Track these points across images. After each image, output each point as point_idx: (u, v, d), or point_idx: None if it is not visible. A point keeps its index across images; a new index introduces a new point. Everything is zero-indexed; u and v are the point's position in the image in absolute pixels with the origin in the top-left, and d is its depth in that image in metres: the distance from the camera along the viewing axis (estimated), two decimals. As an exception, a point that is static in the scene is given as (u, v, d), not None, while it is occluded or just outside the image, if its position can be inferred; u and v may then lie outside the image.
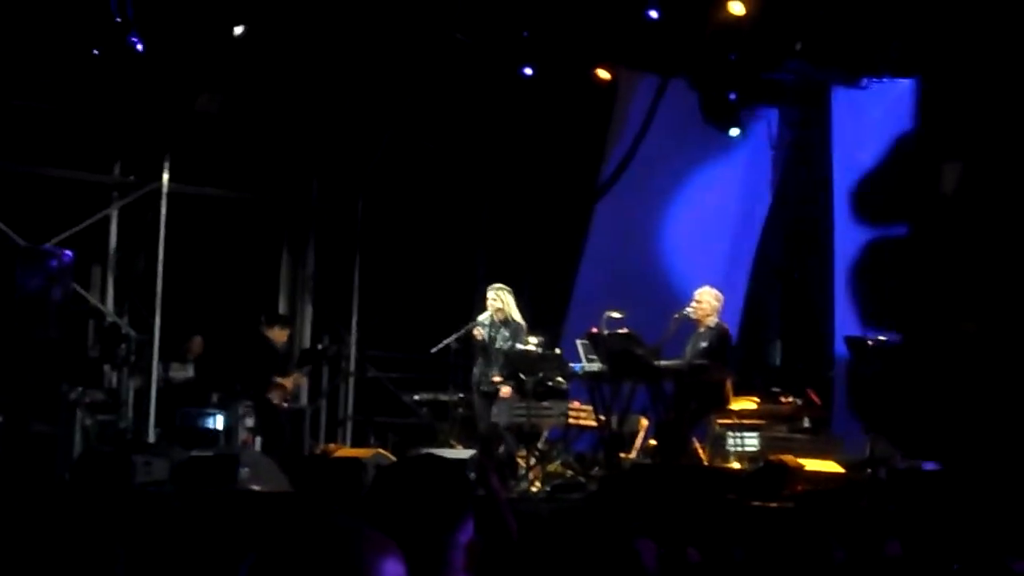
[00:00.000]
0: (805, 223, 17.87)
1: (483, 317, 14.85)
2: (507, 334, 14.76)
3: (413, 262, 18.25)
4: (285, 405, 16.11)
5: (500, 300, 14.85)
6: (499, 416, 14.45)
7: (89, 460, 13.94)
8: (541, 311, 15.99)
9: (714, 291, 14.30)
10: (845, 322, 16.33)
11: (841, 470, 12.75)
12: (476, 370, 14.87)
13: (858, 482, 12.18)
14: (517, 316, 14.90)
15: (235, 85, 16.39)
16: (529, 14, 16.39)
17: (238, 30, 15.67)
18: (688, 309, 14.00)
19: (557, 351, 14.74)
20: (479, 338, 14.72)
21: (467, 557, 3.38)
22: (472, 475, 12.65)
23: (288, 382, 16.07)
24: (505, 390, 14.45)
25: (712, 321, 14.14)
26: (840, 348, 15.90)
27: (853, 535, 8.77)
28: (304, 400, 17.44)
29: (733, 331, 15.84)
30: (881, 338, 13.40)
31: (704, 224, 17.99)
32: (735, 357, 15.15)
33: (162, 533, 9.78)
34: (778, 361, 17.99)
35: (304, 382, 16.71)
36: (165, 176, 16.71)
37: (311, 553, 2.71)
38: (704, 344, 13.91)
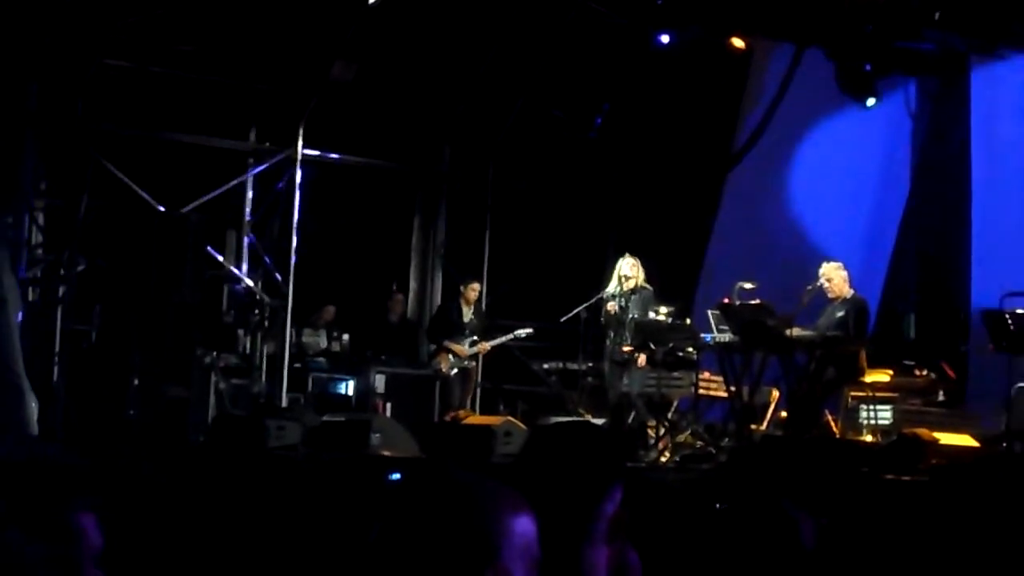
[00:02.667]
0: (944, 196, 17.63)
1: (612, 289, 14.80)
2: (638, 301, 14.72)
3: (543, 230, 18.26)
4: (453, 372, 16.19)
5: (631, 269, 14.80)
6: (631, 385, 14.41)
7: (223, 424, 14.13)
8: (671, 281, 15.91)
9: (836, 263, 14.15)
10: (982, 296, 16.09)
11: (976, 444, 12.57)
12: (608, 340, 14.83)
13: (993, 456, 11.99)
14: (648, 285, 14.87)
15: (369, 53, 16.47)
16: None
17: (372, -1, 15.75)
18: (819, 283, 13.86)
19: (687, 321, 14.67)
20: (612, 311, 14.68)
21: (611, 528, 3.34)
22: None
23: (460, 350, 16.16)
24: (641, 359, 14.40)
25: (848, 292, 13.98)
26: (976, 322, 15.67)
27: (988, 509, 8.65)
28: (432, 368, 17.51)
29: (874, 304, 15.71)
30: (1020, 311, 13.16)
31: (841, 195, 17.81)
32: (870, 329, 15.00)
33: (294, 497, 9.87)
34: (912, 334, 17.78)
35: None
36: (299, 143, 16.85)
37: (441, 509, 2.71)
38: (840, 315, 13.77)
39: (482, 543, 2.68)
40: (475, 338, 16.28)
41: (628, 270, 14.79)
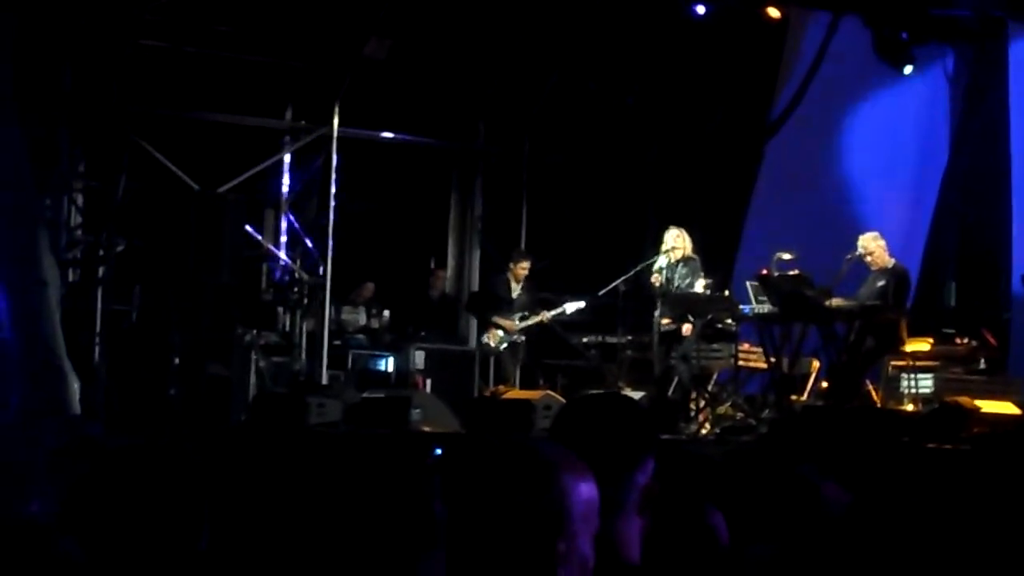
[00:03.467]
0: (983, 163, 17.53)
1: (660, 262, 14.77)
2: (684, 271, 14.68)
3: (581, 204, 18.23)
4: (503, 348, 16.18)
5: (676, 240, 14.78)
6: (678, 355, 14.36)
7: (264, 402, 14.17)
8: (710, 253, 15.87)
9: (873, 234, 14.10)
10: (1022, 262, 16.01)
11: (1018, 411, 12.52)
12: (657, 312, 14.79)
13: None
14: (695, 255, 14.84)
15: (403, 30, 16.47)
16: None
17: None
18: (858, 252, 13.80)
19: (726, 293, 14.64)
20: (657, 284, 14.64)
21: (643, 499, 3.34)
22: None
23: (509, 325, 16.15)
24: (686, 328, 14.35)
25: (889, 263, 13.92)
26: (1017, 289, 15.60)
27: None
28: (473, 343, 17.52)
29: (915, 272, 15.64)
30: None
31: (880, 163, 17.75)
32: (911, 298, 14.95)
33: (335, 473, 9.90)
34: (953, 302, 17.70)
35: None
36: (335, 121, 16.86)
37: (507, 472, 2.68)
38: (881, 284, 13.71)
39: (552, 510, 2.66)
40: (524, 313, 16.26)
41: (672, 241, 14.76)
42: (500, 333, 16.17)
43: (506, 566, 2.63)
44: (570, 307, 16.05)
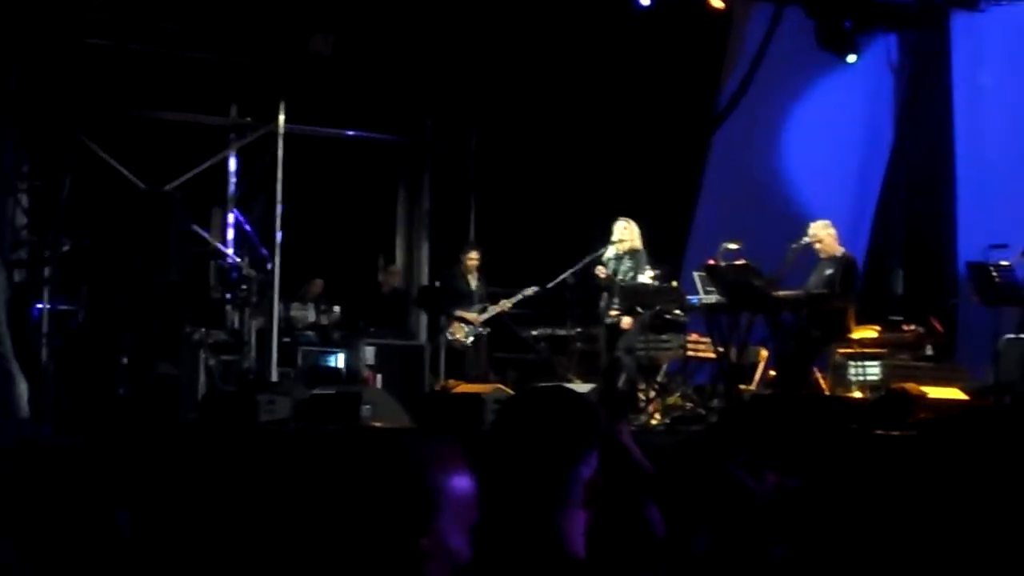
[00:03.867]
0: (927, 150, 17.62)
1: (608, 253, 14.78)
2: (631, 264, 14.70)
3: (528, 197, 18.25)
4: (469, 341, 16.17)
5: (623, 232, 14.80)
6: (622, 347, 14.41)
7: (213, 400, 14.12)
8: (659, 244, 15.91)
9: (823, 221, 14.13)
10: (968, 249, 16.10)
11: (965, 397, 12.60)
12: (602, 303, 14.81)
13: (982, 409, 12.01)
14: (641, 247, 14.87)
15: (347, 25, 16.43)
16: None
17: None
18: (804, 240, 13.84)
19: (674, 284, 14.67)
20: (603, 276, 14.66)
21: (587, 492, 3.34)
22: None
23: (473, 317, 16.15)
24: (626, 320, 14.39)
25: (838, 251, 13.97)
26: (963, 275, 15.70)
27: (977, 461, 8.67)
28: (423, 337, 17.52)
29: (860, 260, 15.71)
30: (1003, 263, 13.18)
31: (826, 152, 17.82)
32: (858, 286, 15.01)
33: (285, 470, 9.87)
34: (900, 289, 17.79)
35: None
36: (281, 117, 16.81)
37: (378, 472, 2.66)
38: (829, 272, 13.77)
39: (417, 506, 2.64)
40: (484, 305, 16.26)
41: (620, 233, 14.79)
42: (466, 327, 16.16)
43: (369, 562, 2.62)
44: (527, 292, 16.06)
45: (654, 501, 4.16)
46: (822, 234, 13.92)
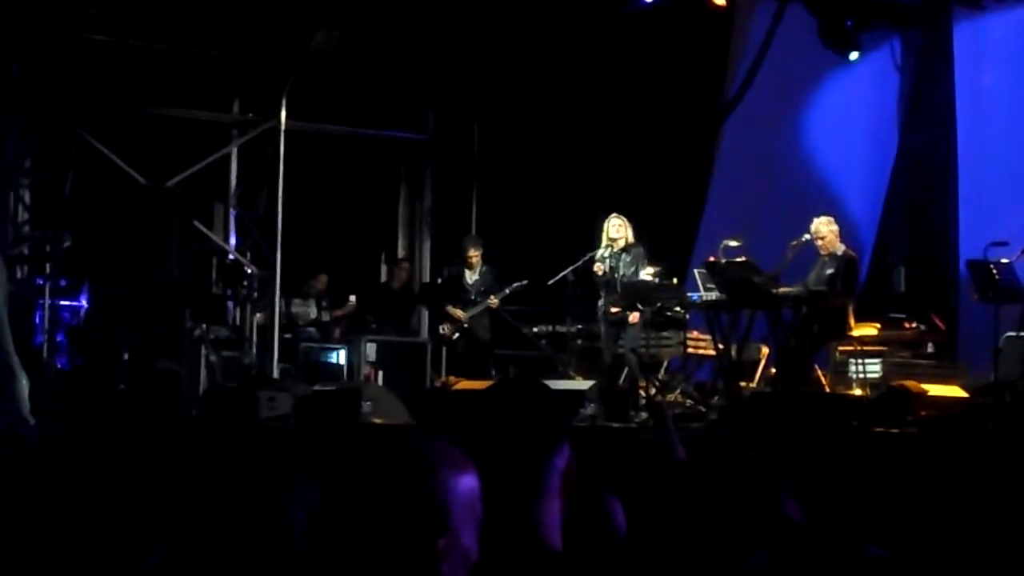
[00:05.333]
0: (931, 149, 17.61)
1: (601, 251, 14.76)
2: (628, 259, 14.68)
3: (530, 193, 18.25)
4: (455, 337, 16.20)
5: (617, 229, 14.76)
6: (627, 343, 14.39)
7: (215, 396, 14.12)
8: (662, 241, 15.91)
9: (827, 218, 14.06)
10: (970, 247, 16.09)
11: (965, 395, 12.60)
12: (601, 301, 14.81)
13: (982, 406, 12.03)
14: (636, 242, 14.84)
15: (350, 21, 16.44)
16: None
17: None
18: (804, 238, 13.81)
19: (674, 280, 14.66)
20: (600, 273, 14.64)
21: (564, 481, 3.35)
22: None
23: (459, 314, 16.16)
24: (633, 316, 14.36)
25: (839, 249, 13.93)
26: (964, 273, 15.69)
27: (977, 458, 8.67)
28: (424, 333, 17.52)
29: (865, 258, 15.70)
30: (1004, 260, 13.16)
31: (831, 149, 17.82)
32: (860, 283, 15.00)
33: (285, 466, 9.87)
34: (902, 287, 17.79)
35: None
36: (283, 113, 16.81)
37: (384, 472, 2.64)
38: (830, 271, 13.73)
39: (433, 507, 2.64)
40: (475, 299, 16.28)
41: (614, 231, 14.74)
42: (452, 323, 16.19)
43: (386, 566, 2.61)
44: (514, 286, 16.08)
45: (683, 489, 4.18)
46: (824, 230, 13.88)
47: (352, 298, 17.56)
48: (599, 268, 14.61)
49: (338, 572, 2.63)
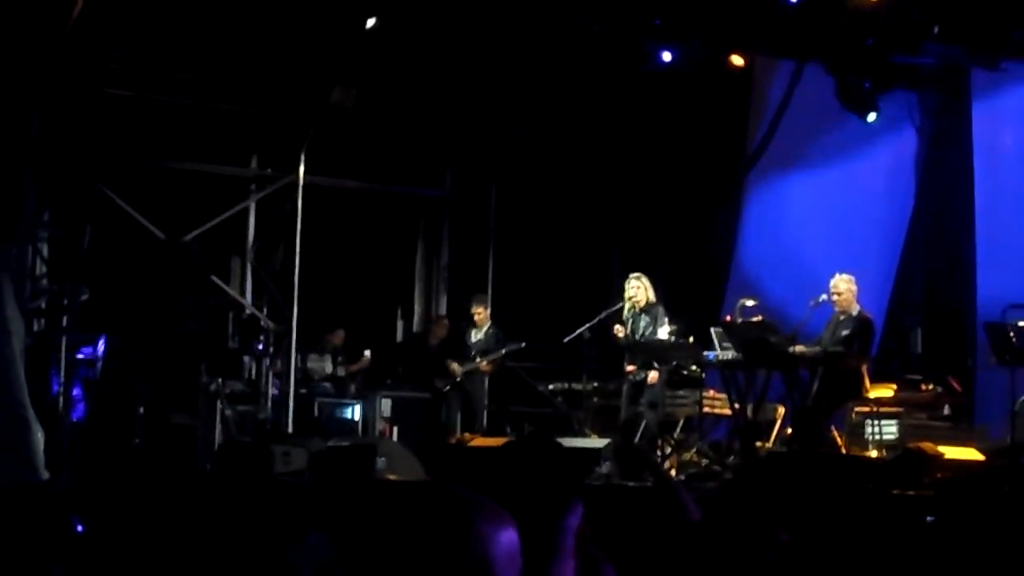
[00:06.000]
0: (948, 210, 17.61)
1: (624, 312, 14.77)
2: (647, 319, 14.69)
3: (547, 251, 18.27)
4: (446, 389, 16.20)
5: (639, 288, 14.78)
6: (646, 402, 14.36)
7: (229, 451, 14.11)
8: (678, 299, 15.90)
9: (847, 276, 14.05)
10: (987, 308, 16.05)
11: (981, 457, 12.53)
12: (625, 361, 14.79)
13: (999, 469, 11.96)
14: (656, 300, 14.85)
15: (369, 78, 16.51)
16: (661, 1, 16.34)
17: (371, 23, 15.79)
18: (823, 297, 13.79)
19: (691, 339, 14.65)
20: (621, 335, 14.65)
21: (577, 541, 3.35)
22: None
23: (454, 368, 16.16)
24: (652, 375, 14.35)
25: (854, 309, 13.90)
26: (982, 335, 15.65)
27: (994, 521, 8.63)
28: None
29: (880, 319, 15.65)
30: (1021, 323, 13.12)
31: (848, 209, 17.81)
32: (875, 345, 14.96)
33: (300, 521, 9.86)
34: (919, 348, 17.75)
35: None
36: (301, 169, 16.87)
37: (427, 523, 2.66)
38: (845, 332, 13.69)
39: (474, 562, 2.65)
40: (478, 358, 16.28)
41: (632, 290, 14.77)
42: (445, 377, 16.22)
43: None
44: (507, 349, 16.11)
45: (699, 548, 4.17)
46: (843, 287, 13.85)
47: (367, 353, 17.54)
48: (619, 330, 14.62)
49: None
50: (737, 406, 13.75)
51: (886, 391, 14.26)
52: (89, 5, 14.72)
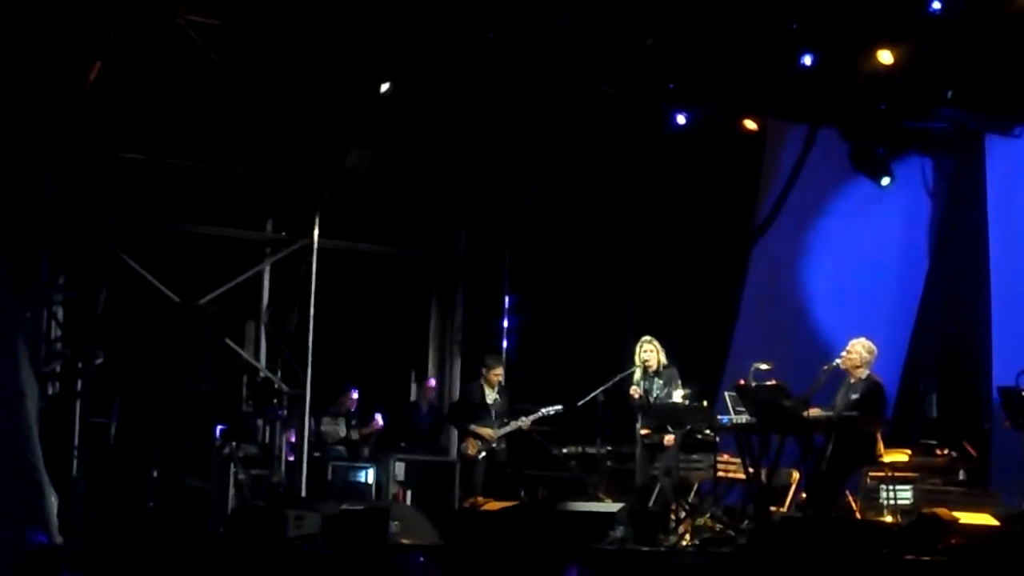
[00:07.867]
0: (963, 274, 17.60)
1: (637, 374, 14.76)
2: (661, 382, 14.67)
3: (561, 313, 18.27)
4: (481, 456, 16.07)
5: (651, 351, 14.76)
6: (660, 467, 14.33)
7: (243, 515, 14.09)
8: (691, 363, 15.88)
9: (868, 343, 14.00)
10: (1003, 373, 16.00)
11: (996, 523, 12.47)
12: (639, 425, 14.75)
13: (1014, 535, 11.90)
14: (669, 363, 14.82)
15: (383, 141, 16.58)
16: (675, 65, 16.42)
17: (385, 87, 15.88)
18: (837, 360, 13.76)
19: (704, 403, 14.61)
20: (636, 397, 14.63)
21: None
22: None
23: (488, 433, 16.06)
24: (668, 438, 14.32)
25: (863, 373, 13.86)
26: (997, 400, 15.60)
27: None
28: (453, 453, 17.47)
29: (894, 384, 15.60)
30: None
31: (862, 273, 17.80)
32: (889, 409, 14.91)
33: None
34: (934, 413, 17.70)
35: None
36: (316, 232, 16.91)
37: None
38: (855, 396, 13.66)
39: None
40: (504, 420, 16.19)
41: (645, 354, 14.75)
42: (479, 443, 16.10)
43: None
44: (548, 411, 16.01)
45: None
46: (856, 350, 13.81)
47: (378, 416, 17.50)
48: (635, 392, 14.61)
49: None
50: (751, 470, 13.68)
51: (901, 456, 14.20)
52: (105, 69, 14.84)
